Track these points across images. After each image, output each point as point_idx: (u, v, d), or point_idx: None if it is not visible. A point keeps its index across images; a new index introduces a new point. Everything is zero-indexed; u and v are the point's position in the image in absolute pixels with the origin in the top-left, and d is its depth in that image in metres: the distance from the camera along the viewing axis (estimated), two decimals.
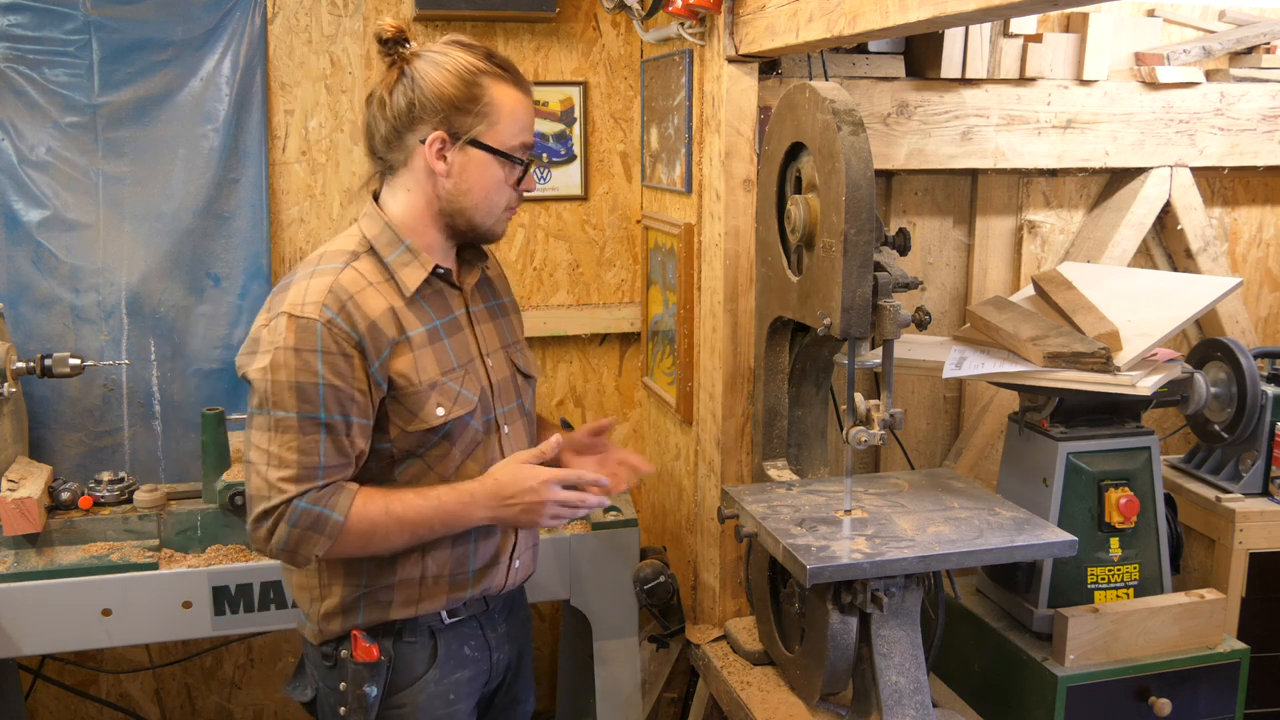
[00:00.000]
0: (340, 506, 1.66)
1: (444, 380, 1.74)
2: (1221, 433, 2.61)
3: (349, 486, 1.69)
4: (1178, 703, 2.17)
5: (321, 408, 1.64)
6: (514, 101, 1.74)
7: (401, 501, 1.70)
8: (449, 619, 1.84)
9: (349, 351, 1.65)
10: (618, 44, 3.04)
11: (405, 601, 1.79)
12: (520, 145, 1.76)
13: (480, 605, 1.89)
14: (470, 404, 1.76)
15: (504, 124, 1.73)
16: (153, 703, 3.11)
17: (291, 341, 1.63)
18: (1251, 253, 3.17)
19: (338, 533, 1.66)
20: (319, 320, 1.64)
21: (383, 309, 1.69)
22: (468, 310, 1.85)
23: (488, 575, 1.85)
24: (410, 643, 1.82)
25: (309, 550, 1.66)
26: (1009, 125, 2.76)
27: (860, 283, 1.85)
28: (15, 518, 2.31)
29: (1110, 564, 2.23)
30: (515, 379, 1.91)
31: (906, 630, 1.91)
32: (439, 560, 1.79)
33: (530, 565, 1.97)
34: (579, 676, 2.80)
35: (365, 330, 1.66)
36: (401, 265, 1.74)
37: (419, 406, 1.71)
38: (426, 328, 1.75)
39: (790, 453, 2.30)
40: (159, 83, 2.75)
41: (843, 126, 1.83)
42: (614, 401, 3.23)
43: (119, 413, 2.82)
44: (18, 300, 2.72)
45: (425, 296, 1.77)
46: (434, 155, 1.71)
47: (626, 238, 3.15)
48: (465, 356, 1.80)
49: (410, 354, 1.71)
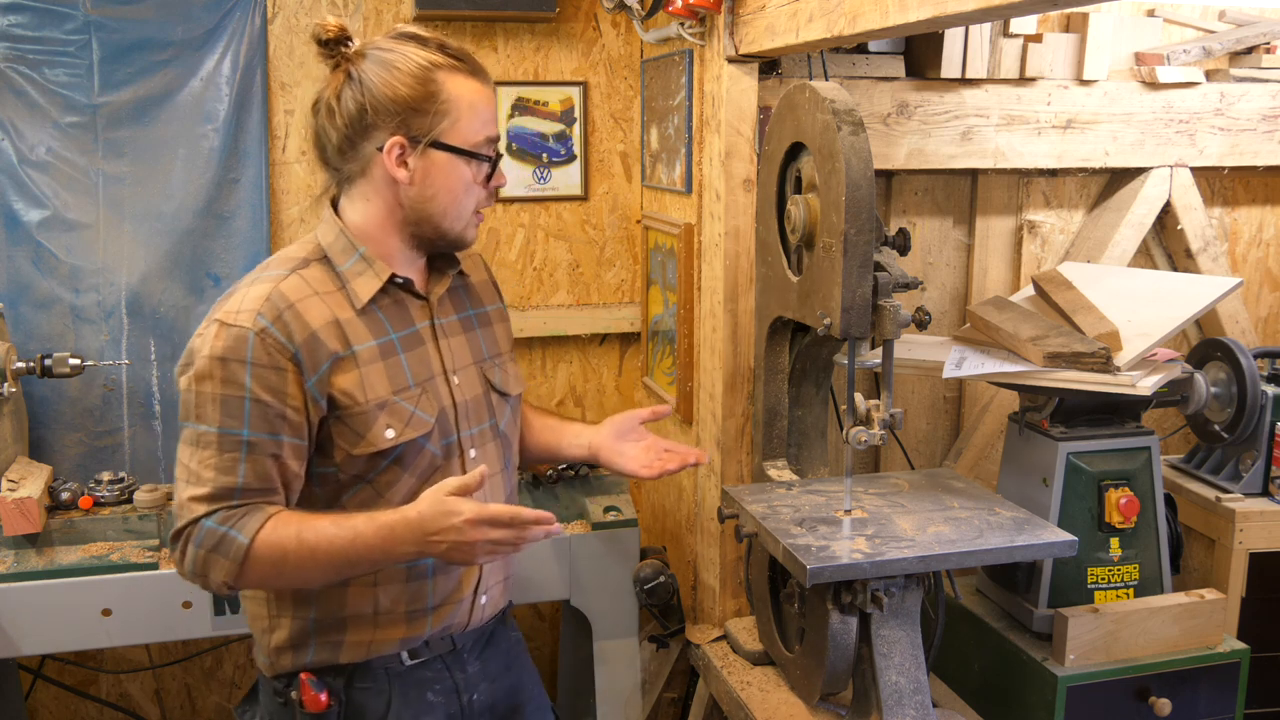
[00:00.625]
0: (247, 529, 1.50)
1: (395, 399, 1.60)
2: (1221, 433, 2.61)
3: (265, 508, 1.53)
4: (1178, 703, 2.17)
5: (245, 424, 1.51)
6: (473, 93, 1.61)
7: (315, 530, 1.51)
8: (409, 660, 1.69)
9: (282, 365, 1.52)
10: (618, 44, 3.04)
11: (357, 642, 1.65)
12: (485, 140, 1.63)
13: (446, 645, 1.73)
14: (425, 426, 1.62)
15: (465, 120, 1.60)
16: (153, 703, 3.11)
17: (219, 351, 1.51)
18: (1251, 253, 3.17)
19: (242, 557, 1.49)
20: (251, 329, 1.51)
21: (326, 320, 1.56)
22: (433, 323, 1.70)
23: (448, 613, 1.70)
24: (363, 689, 1.67)
25: (217, 575, 1.51)
26: (1009, 125, 2.76)
27: (860, 283, 1.84)
28: (15, 518, 2.31)
29: (1110, 564, 2.23)
30: (489, 397, 1.75)
31: (906, 630, 1.91)
32: (392, 594, 1.64)
33: (501, 599, 1.82)
34: (579, 676, 2.80)
35: (302, 342, 1.53)
36: (355, 274, 1.62)
37: (365, 428, 1.57)
38: (379, 342, 1.61)
39: (790, 453, 2.30)
40: (159, 83, 2.74)
41: (843, 126, 1.83)
42: (614, 401, 3.23)
43: (119, 413, 2.82)
44: (18, 300, 2.72)
45: (383, 308, 1.64)
46: (394, 163, 1.58)
47: (626, 238, 3.15)
48: (425, 373, 1.65)
49: (356, 370, 1.57)
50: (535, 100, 3.00)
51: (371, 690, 1.67)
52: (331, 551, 1.51)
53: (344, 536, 1.51)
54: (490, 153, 1.64)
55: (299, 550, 1.50)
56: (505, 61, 2.98)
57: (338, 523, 1.52)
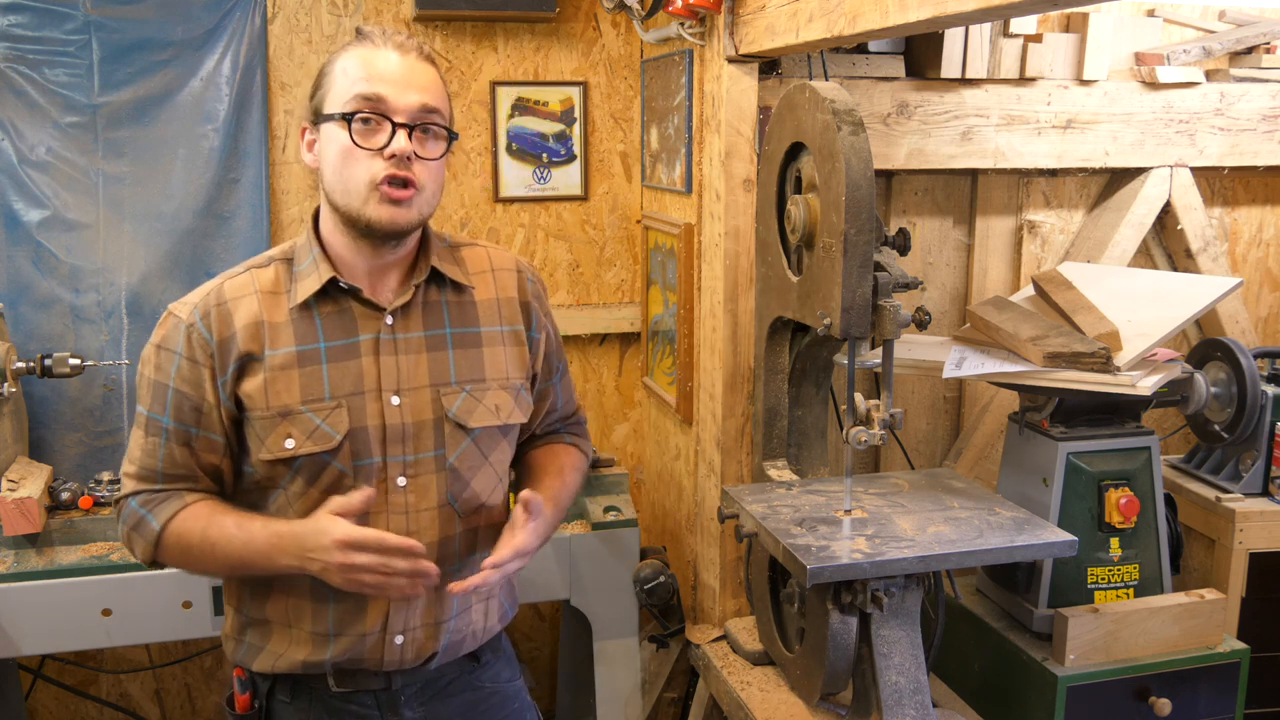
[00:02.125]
0: (161, 516, 1.57)
1: (302, 410, 1.53)
2: (1221, 433, 2.61)
3: (185, 497, 1.58)
4: (1178, 703, 2.17)
5: (166, 412, 1.56)
6: (350, 59, 1.52)
7: (219, 526, 1.55)
8: (335, 686, 1.63)
9: (201, 360, 1.55)
10: (618, 44, 3.04)
11: (273, 651, 1.62)
12: (355, 98, 1.49)
13: (379, 681, 1.64)
14: (330, 441, 1.53)
15: (337, 84, 1.52)
16: (153, 703, 3.11)
17: (159, 339, 1.59)
18: (1251, 253, 3.17)
19: (154, 540, 1.57)
20: (185, 322, 1.56)
21: (249, 321, 1.55)
22: (379, 337, 1.59)
23: (350, 644, 1.60)
24: (284, 702, 1.65)
25: (138, 551, 1.60)
26: (1009, 125, 2.76)
27: (860, 283, 1.84)
28: (15, 518, 2.31)
29: (1110, 564, 2.24)
30: (441, 426, 1.60)
31: (906, 630, 1.91)
32: (298, 610, 1.60)
33: (429, 644, 1.64)
34: (579, 676, 2.80)
35: (220, 341, 1.55)
36: (304, 275, 1.59)
37: (266, 434, 1.54)
38: (301, 348, 1.55)
39: (790, 453, 2.30)
40: (159, 83, 2.74)
41: (843, 126, 1.83)
42: (614, 401, 3.24)
43: (119, 413, 2.82)
44: (18, 300, 2.72)
45: (324, 314, 1.58)
46: (306, 148, 1.59)
47: (626, 238, 3.15)
48: (349, 388, 1.56)
49: (262, 375, 1.54)
50: (535, 100, 3.00)
51: (291, 706, 1.65)
52: (229, 550, 1.55)
53: (240, 538, 1.54)
54: (360, 107, 1.49)
55: (202, 544, 1.56)
56: (505, 61, 2.98)
57: (240, 524, 1.55)
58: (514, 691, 1.82)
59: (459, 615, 1.67)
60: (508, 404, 1.67)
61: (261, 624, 1.64)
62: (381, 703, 1.65)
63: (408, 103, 1.51)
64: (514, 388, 1.69)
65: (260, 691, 1.66)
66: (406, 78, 1.52)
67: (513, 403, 1.68)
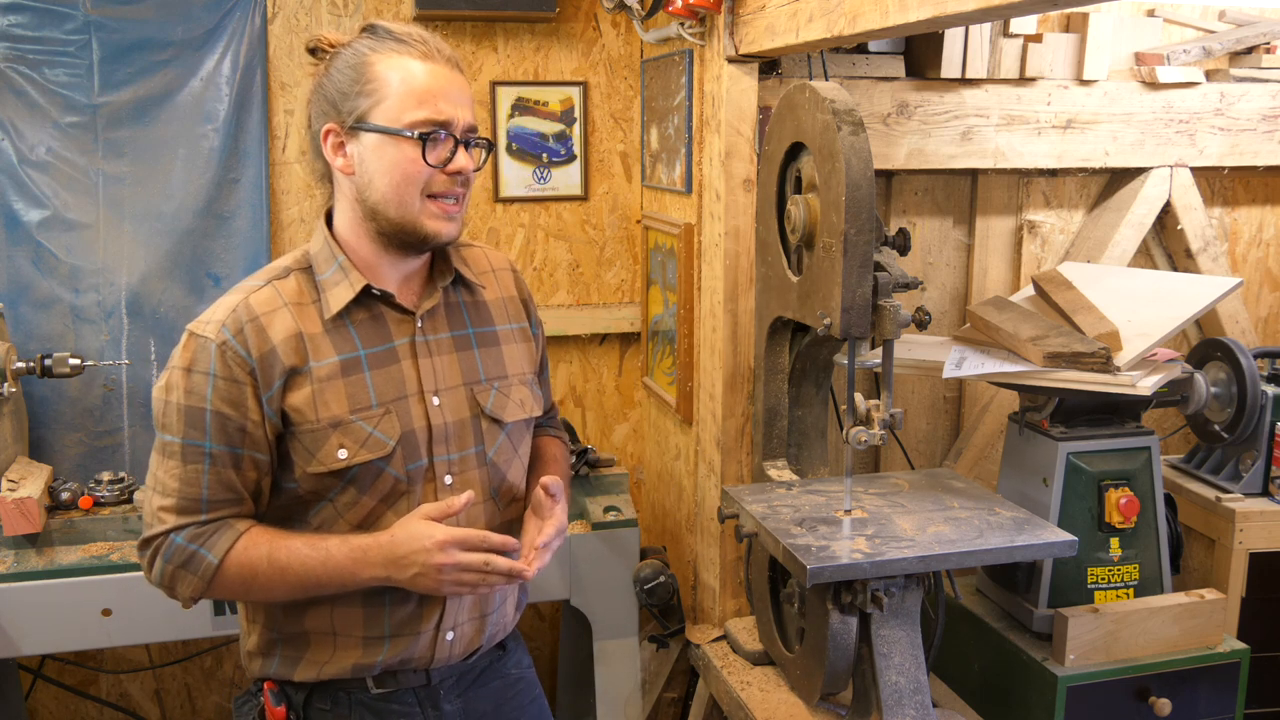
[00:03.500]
0: (217, 548, 1.51)
1: (352, 419, 1.54)
2: (1221, 433, 2.61)
3: (236, 525, 1.54)
4: (1178, 703, 2.17)
5: (208, 436, 1.51)
6: (409, 72, 1.52)
7: (288, 549, 1.52)
8: (375, 688, 1.64)
9: (241, 378, 1.50)
10: (618, 44, 3.04)
11: (315, 660, 1.62)
12: (422, 120, 1.51)
13: (418, 679, 1.67)
14: (384, 448, 1.55)
15: (395, 98, 1.51)
16: (153, 703, 3.11)
17: (186, 362, 1.52)
18: (1251, 253, 3.18)
19: (211, 575, 1.51)
20: (214, 341, 1.51)
21: (287, 334, 1.53)
22: (414, 340, 1.62)
23: (405, 644, 1.62)
24: (322, 710, 1.64)
25: (184, 590, 1.53)
26: (1009, 125, 2.76)
27: (860, 283, 1.84)
28: (15, 518, 2.31)
29: (1110, 564, 2.24)
30: (477, 422, 1.65)
31: (906, 630, 1.91)
32: (348, 619, 1.60)
33: (477, 638, 1.70)
34: (579, 676, 2.80)
35: (260, 357, 1.51)
36: (332, 284, 1.57)
37: (317, 446, 1.53)
38: (343, 358, 1.55)
39: (790, 453, 2.30)
40: (159, 83, 2.74)
41: (843, 126, 1.83)
42: (614, 401, 3.24)
43: (119, 413, 2.82)
44: (18, 300, 2.72)
45: (357, 322, 1.58)
46: (332, 151, 1.55)
47: (626, 238, 3.15)
48: (394, 393, 1.58)
49: (309, 387, 1.53)
50: (535, 100, 3.00)
51: (330, 713, 1.64)
52: (303, 572, 1.52)
53: (316, 557, 1.52)
54: (426, 130, 1.52)
55: (270, 570, 1.52)
56: (505, 61, 2.98)
57: (311, 543, 1.53)
58: (534, 677, 1.88)
59: (499, 607, 1.73)
60: (529, 398, 1.74)
61: (297, 637, 1.62)
62: (422, 699, 1.67)
63: (465, 120, 1.56)
64: (529, 382, 1.75)
65: (295, 704, 1.64)
66: (460, 94, 1.56)
67: (532, 396, 1.75)
